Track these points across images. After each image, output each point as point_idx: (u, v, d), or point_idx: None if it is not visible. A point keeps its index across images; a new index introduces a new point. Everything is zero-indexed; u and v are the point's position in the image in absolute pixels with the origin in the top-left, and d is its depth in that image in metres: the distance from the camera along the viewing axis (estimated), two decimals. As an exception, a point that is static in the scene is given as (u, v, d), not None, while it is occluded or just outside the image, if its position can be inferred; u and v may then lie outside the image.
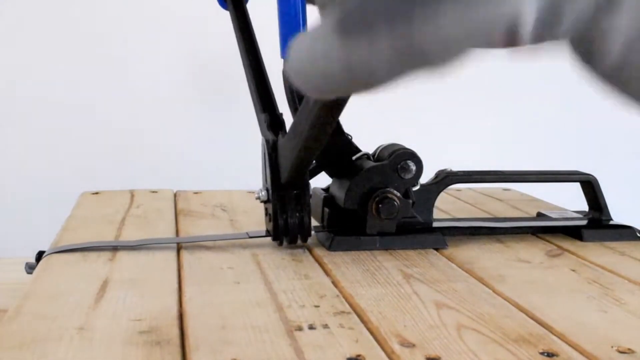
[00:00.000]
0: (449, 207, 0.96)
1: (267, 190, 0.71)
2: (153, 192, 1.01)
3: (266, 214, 0.73)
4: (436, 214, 0.78)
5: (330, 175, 0.76)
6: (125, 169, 1.54)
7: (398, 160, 0.72)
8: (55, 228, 0.79)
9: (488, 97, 1.75)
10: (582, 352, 0.48)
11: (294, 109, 0.75)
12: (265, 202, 0.72)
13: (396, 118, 1.69)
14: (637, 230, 0.81)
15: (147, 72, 1.54)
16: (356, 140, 0.76)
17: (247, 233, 0.75)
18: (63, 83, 1.54)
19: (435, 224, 0.77)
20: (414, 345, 0.48)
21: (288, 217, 0.70)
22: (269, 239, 0.74)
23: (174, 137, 1.56)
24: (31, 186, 1.55)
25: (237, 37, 0.80)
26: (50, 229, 0.80)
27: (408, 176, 0.73)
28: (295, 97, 0.74)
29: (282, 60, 0.75)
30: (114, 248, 0.70)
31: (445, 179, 0.78)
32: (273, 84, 0.79)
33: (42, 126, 1.55)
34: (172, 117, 1.55)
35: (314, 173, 0.77)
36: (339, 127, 0.75)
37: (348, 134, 0.76)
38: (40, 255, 0.69)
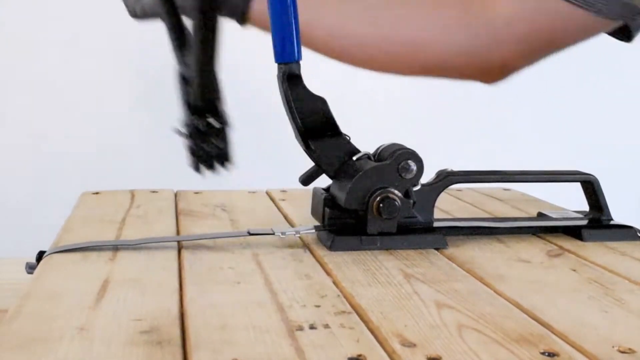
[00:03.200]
0: (449, 207, 0.96)
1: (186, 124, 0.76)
2: (153, 192, 1.01)
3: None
4: (437, 214, 0.78)
5: (331, 177, 0.76)
6: (125, 169, 1.54)
7: (399, 160, 0.72)
8: (56, 228, 0.79)
9: (488, 97, 1.75)
10: (582, 352, 0.48)
11: (289, 110, 0.75)
12: (185, 136, 0.77)
13: (396, 118, 1.69)
14: (638, 230, 0.81)
15: (148, 72, 1.54)
16: (357, 141, 0.76)
17: (247, 231, 0.75)
18: (63, 83, 1.54)
19: (435, 224, 0.77)
20: (414, 345, 0.48)
21: (204, 144, 0.74)
22: (269, 238, 0.74)
23: (174, 137, 1.56)
24: (31, 186, 1.55)
25: None
26: (50, 229, 0.80)
27: (409, 176, 0.73)
28: (290, 100, 0.74)
29: (277, 64, 0.75)
30: (115, 248, 0.70)
31: (446, 179, 0.78)
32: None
33: (43, 126, 1.55)
34: (172, 117, 1.54)
35: (314, 176, 0.77)
36: (336, 128, 0.75)
37: (346, 135, 0.76)
38: (40, 255, 0.69)
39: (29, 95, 1.53)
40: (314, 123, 0.74)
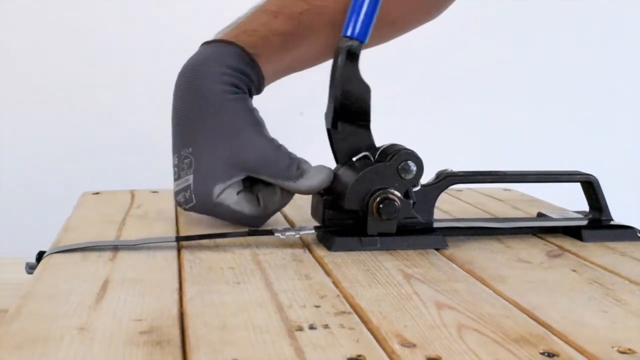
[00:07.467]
0: (449, 207, 0.96)
1: None
2: (153, 192, 1.01)
3: None
4: (437, 215, 0.78)
5: (337, 163, 0.76)
6: (125, 169, 1.54)
7: (399, 160, 0.72)
8: (56, 228, 0.79)
9: (488, 97, 1.75)
10: (582, 352, 0.48)
11: (333, 84, 0.75)
12: None
13: (396, 118, 1.69)
14: (638, 230, 0.81)
15: (148, 72, 1.54)
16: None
17: (247, 231, 0.75)
18: (64, 83, 1.54)
19: (435, 225, 0.77)
20: (414, 346, 0.48)
21: None
22: (269, 238, 0.74)
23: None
24: (31, 186, 1.55)
25: None
26: (50, 229, 0.80)
27: (409, 177, 0.73)
28: (339, 75, 0.74)
29: (342, 37, 0.74)
30: (115, 248, 0.70)
31: (446, 179, 0.78)
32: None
33: (43, 126, 1.55)
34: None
35: None
36: (368, 120, 0.75)
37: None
38: (40, 255, 0.69)
39: (28, 95, 1.53)
40: (351, 106, 0.74)
